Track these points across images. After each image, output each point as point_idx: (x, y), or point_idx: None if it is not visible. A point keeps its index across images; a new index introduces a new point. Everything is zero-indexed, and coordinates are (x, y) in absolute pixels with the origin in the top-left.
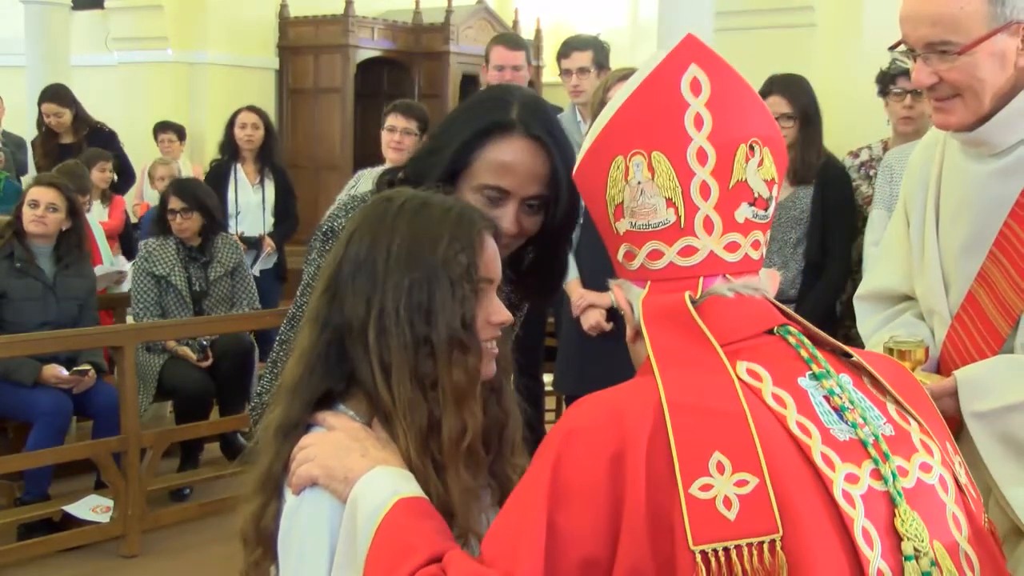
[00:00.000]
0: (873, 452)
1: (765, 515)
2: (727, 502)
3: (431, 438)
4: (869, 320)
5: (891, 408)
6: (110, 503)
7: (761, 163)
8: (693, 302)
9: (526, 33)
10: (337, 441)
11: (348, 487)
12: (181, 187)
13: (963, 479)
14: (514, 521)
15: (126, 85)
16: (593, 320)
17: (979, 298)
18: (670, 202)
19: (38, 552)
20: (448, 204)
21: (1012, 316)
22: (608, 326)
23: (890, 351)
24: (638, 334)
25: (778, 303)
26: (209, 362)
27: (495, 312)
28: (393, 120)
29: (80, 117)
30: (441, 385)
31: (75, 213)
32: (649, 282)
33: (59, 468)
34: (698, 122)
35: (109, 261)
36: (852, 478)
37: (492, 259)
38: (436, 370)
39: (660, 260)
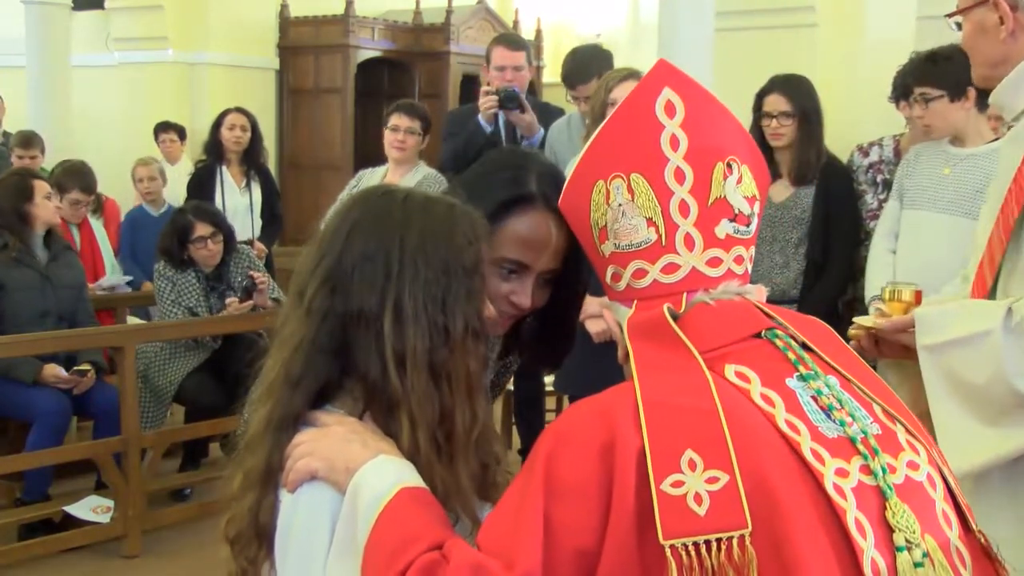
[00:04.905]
0: (862, 448)
1: (735, 511)
2: (697, 498)
3: (439, 428)
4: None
5: (877, 409)
6: (110, 503)
7: (740, 180)
8: (674, 316)
9: (526, 33)
10: (336, 434)
11: (350, 476)
12: (202, 211)
13: (955, 489)
14: (511, 515)
15: (126, 85)
16: (599, 327)
17: (983, 261)
18: (650, 221)
19: (38, 552)
20: (448, 200)
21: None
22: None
23: (891, 293)
24: (628, 353)
25: (764, 307)
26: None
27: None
28: (397, 120)
29: None
30: (455, 375)
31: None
32: (635, 301)
33: (59, 468)
34: (674, 143)
35: (111, 269)
36: (842, 472)
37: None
38: (451, 360)
39: (644, 279)
